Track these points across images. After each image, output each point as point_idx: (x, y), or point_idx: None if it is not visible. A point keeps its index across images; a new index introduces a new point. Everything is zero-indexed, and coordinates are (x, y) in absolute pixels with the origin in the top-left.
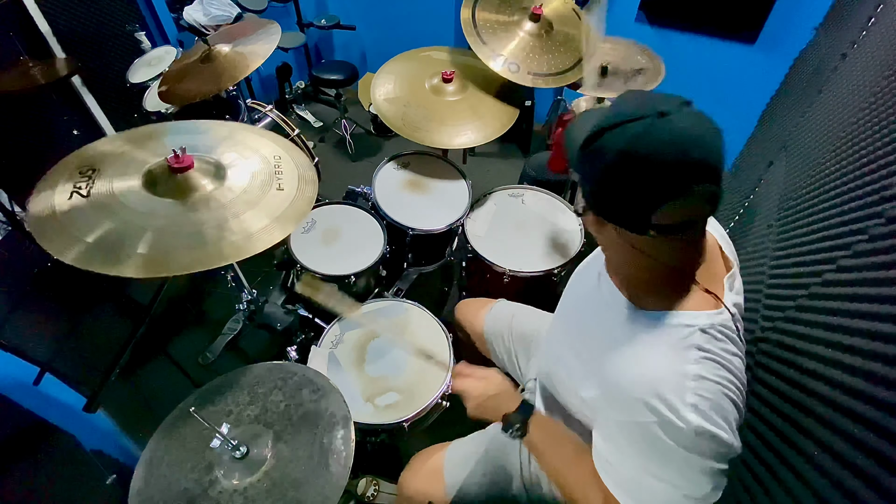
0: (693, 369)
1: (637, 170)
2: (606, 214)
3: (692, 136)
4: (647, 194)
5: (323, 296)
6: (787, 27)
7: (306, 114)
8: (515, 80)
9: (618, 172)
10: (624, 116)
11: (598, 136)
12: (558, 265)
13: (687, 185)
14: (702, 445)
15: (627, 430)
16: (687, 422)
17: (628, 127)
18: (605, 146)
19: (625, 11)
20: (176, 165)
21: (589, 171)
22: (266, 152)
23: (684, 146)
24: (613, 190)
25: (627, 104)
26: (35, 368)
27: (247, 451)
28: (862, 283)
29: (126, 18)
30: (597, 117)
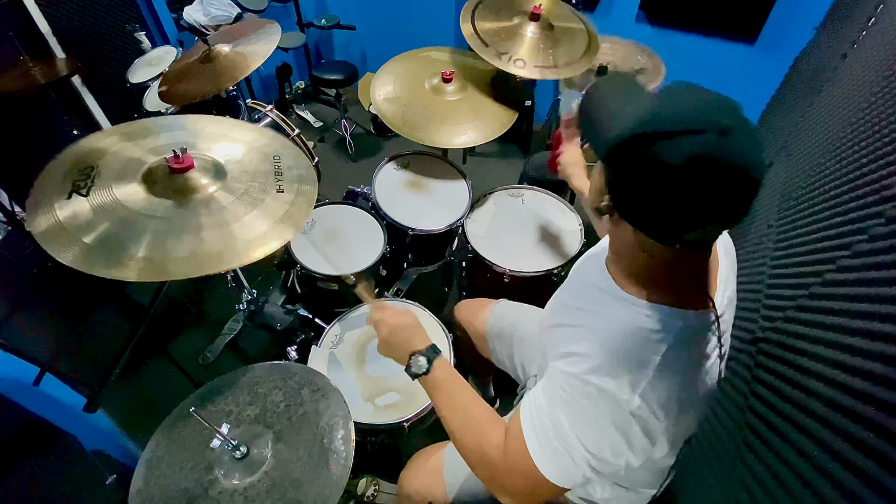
0: (657, 360)
1: (690, 192)
2: (635, 220)
3: (752, 162)
4: (693, 215)
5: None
6: (787, 27)
7: (306, 114)
8: (525, 74)
9: (666, 188)
10: (680, 125)
11: (646, 142)
12: (558, 265)
13: (737, 211)
14: (630, 425)
15: (571, 384)
16: (630, 402)
17: (686, 140)
18: (656, 156)
19: (625, 11)
20: (176, 166)
21: (625, 172)
22: (261, 145)
23: (744, 173)
24: (654, 202)
25: (681, 105)
26: (35, 368)
27: (247, 451)
28: (862, 283)
29: (126, 18)
30: (638, 110)
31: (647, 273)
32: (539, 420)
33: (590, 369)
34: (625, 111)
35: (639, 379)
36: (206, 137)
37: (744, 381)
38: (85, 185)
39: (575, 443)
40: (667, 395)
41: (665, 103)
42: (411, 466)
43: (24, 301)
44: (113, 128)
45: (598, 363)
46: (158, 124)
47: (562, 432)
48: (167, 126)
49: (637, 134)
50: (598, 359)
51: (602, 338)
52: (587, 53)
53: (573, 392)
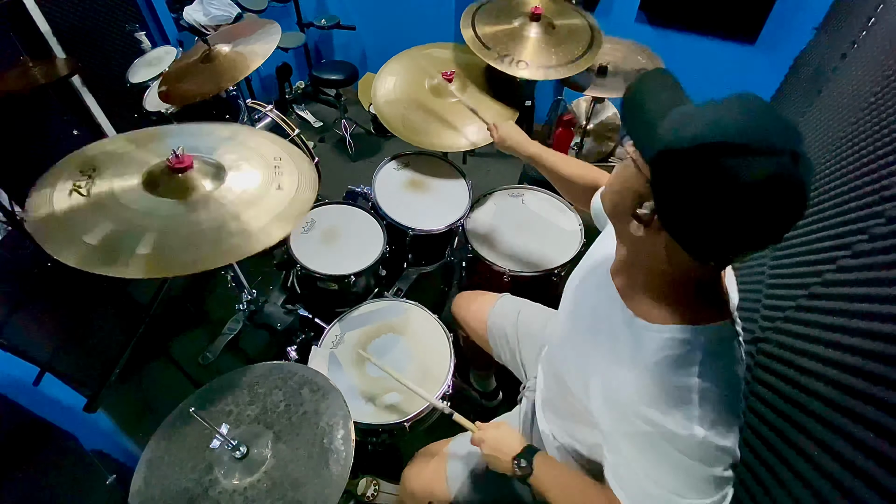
0: (695, 382)
1: (756, 213)
2: (679, 233)
3: (808, 187)
4: (749, 236)
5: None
6: (787, 27)
7: (306, 114)
8: (528, 76)
9: (734, 206)
10: (758, 141)
11: (720, 152)
12: (558, 265)
13: (785, 233)
14: (706, 455)
15: (633, 440)
16: (692, 433)
17: (762, 161)
18: (731, 170)
19: (625, 11)
20: (176, 165)
21: (687, 182)
22: (266, 152)
23: (805, 197)
24: (714, 218)
25: (757, 120)
26: (35, 368)
27: (247, 451)
28: (862, 283)
29: (126, 18)
30: (706, 117)
31: (661, 285)
32: (628, 486)
33: (642, 418)
34: (680, 113)
35: (688, 407)
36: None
37: (744, 381)
38: (85, 186)
39: (669, 496)
40: (719, 409)
41: (739, 116)
42: (414, 465)
43: (24, 301)
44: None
45: (643, 409)
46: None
47: (653, 490)
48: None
49: (710, 143)
50: (641, 404)
51: (637, 380)
52: (590, 50)
53: (641, 447)
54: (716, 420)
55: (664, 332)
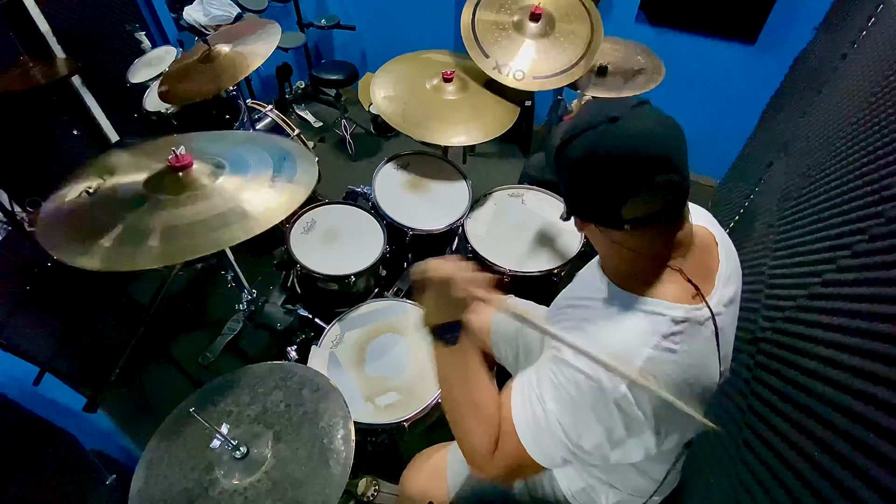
0: (647, 352)
1: (596, 172)
2: (582, 215)
3: (642, 134)
4: (610, 193)
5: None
6: (787, 27)
7: (306, 114)
8: (521, 87)
9: (581, 178)
10: (580, 126)
11: (562, 148)
12: (558, 265)
13: (645, 179)
14: (612, 414)
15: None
16: (616, 389)
17: (584, 136)
18: (568, 156)
19: (625, 11)
20: (176, 164)
21: (561, 178)
22: None
23: (635, 144)
24: (582, 193)
25: (584, 115)
26: (35, 368)
27: (247, 451)
28: (862, 283)
29: (126, 18)
30: (563, 130)
31: (630, 267)
32: (528, 398)
33: (580, 357)
34: (557, 137)
35: (628, 370)
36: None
37: (744, 381)
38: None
39: (555, 425)
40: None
41: (576, 117)
42: (413, 466)
43: (24, 301)
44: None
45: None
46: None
47: (546, 411)
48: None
49: (557, 146)
50: (589, 346)
51: (595, 328)
52: (586, 56)
53: (561, 376)
54: (641, 394)
55: (639, 302)
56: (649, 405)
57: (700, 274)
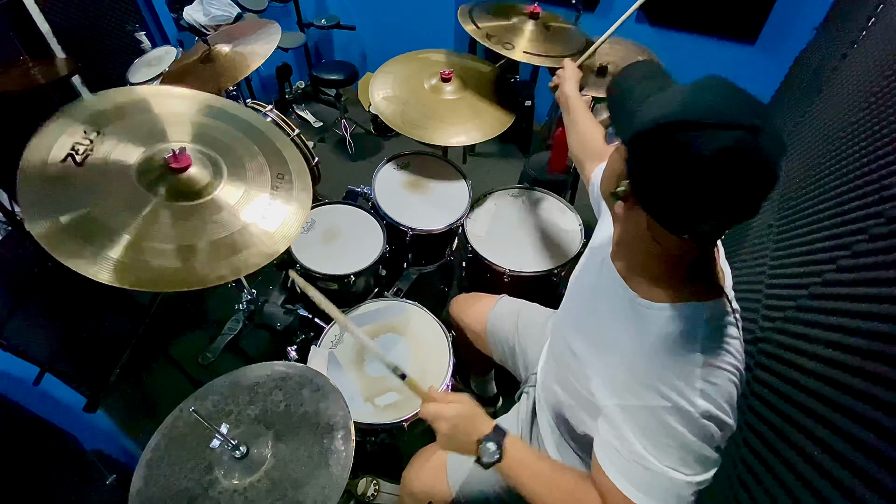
0: (700, 357)
1: (714, 185)
2: (650, 206)
3: (773, 160)
4: (710, 207)
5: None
6: (787, 27)
7: (306, 114)
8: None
9: (691, 178)
10: (714, 118)
11: (676, 129)
12: (558, 265)
13: (756, 205)
14: (704, 430)
15: (635, 414)
16: (696, 406)
17: (718, 134)
18: (685, 145)
19: (625, 11)
20: (175, 165)
21: (650, 159)
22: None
23: (766, 172)
24: (676, 191)
25: (716, 100)
26: (35, 368)
27: (247, 451)
28: (862, 283)
29: (126, 18)
30: (670, 98)
31: (656, 265)
32: (621, 461)
33: (645, 393)
34: (655, 98)
35: (691, 380)
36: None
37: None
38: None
39: (665, 470)
40: (723, 383)
41: (699, 95)
42: (414, 464)
43: (24, 301)
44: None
45: (647, 384)
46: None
47: (648, 464)
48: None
49: (668, 122)
50: (645, 379)
51: (637, 358)
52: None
53: (640, 421)
54: (719, 395)
55: (665, 310)
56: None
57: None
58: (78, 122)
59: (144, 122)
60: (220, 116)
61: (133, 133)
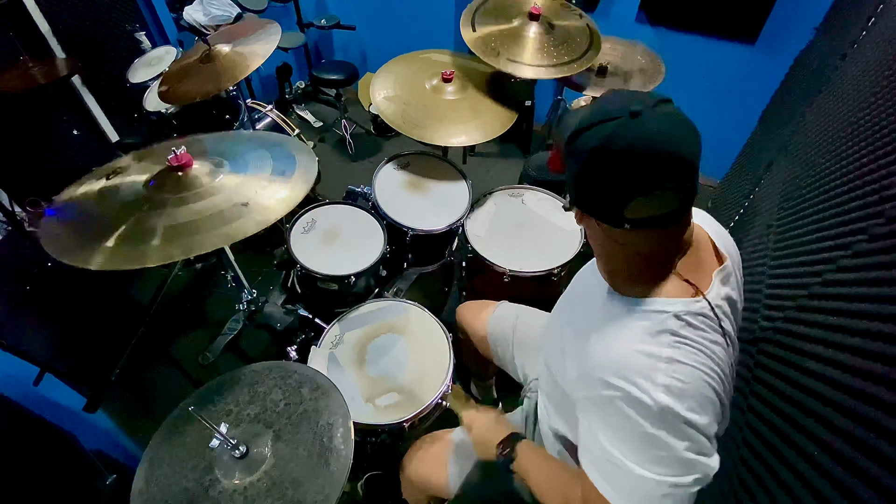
0: (666, 352)
1: (608, 167)
2: (585, 208)
3: (661, 135)
4: (618, 190)
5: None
6: (787, 27)
7: (306, 114)
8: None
9: (591, 169)
10: (599, 116)
11: (576, 136)
12: (558, 265)
13: (656, 182)
14: (670, 426)
15: (598, 407)
16: (655, 399)
17: (602, 127)
18: (582, 145)
19: (625, 11)
20: (175, 164)
21: (570, 167)
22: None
23: (653, 144)
24: (589, 185)
25: (604, 104)
26: (35, 368)
27: (246, 451)
28: (862, 283)
29: (126, 18)
30: (579, 117)
31: (626, 265)
32: (592, 455)
33: (605, 384)
34: (571, 124)
35: (653, 374)
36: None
37: (744, 381)
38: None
39: (631, 466)
40: (694, 381)
41: (595, 104)
42: (415, 452)
43: (24, 301)
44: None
45: (609, 375)
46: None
47: (615, 459)
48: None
49: (571, 132)
50: (607, 370)
51: (604, 350)
52: (589, 51)
53: (601, 412)
54: (683, 392)
55: (636, 304)
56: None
57: (692, 269)
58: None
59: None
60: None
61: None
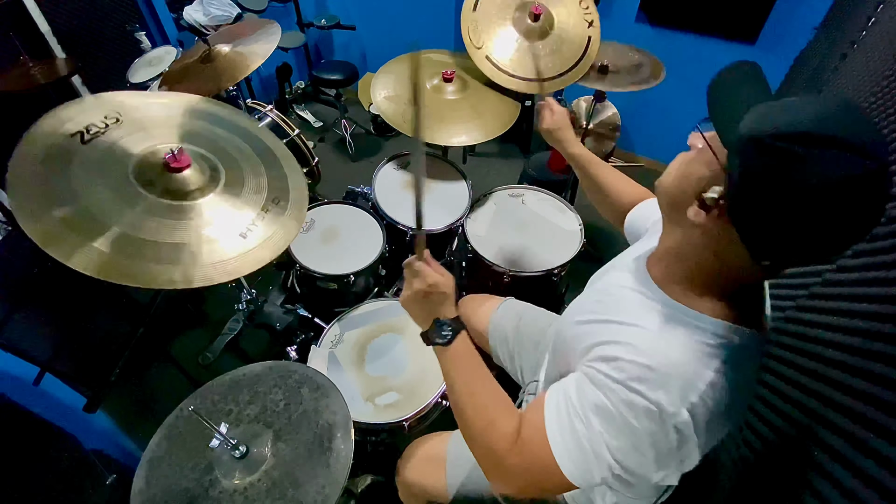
0: (709, 376)
1: (824, 211)
2: (745, 224)
3: (887, 203)
4: (811, 237)
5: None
6: (787, 27)
7: (306, 114)
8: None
9: (800, 200)
10: (841, 137)
11: (799, 141)
12: (558, 265)
13: (847, 245)
14: (669, 437)
15: (612, 386)
16: (678, 413)
17: (844, 158)
18: (811, 161)
19: (625, 11)
20: (174, 165)
21: (757, 169)
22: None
23: (880, 213)
24: (786, 213)
25: (849, 118)
26: (35, 368)
27: (246, 451)
28: (862, 283)
29: (126, 18)
30: (798, 108)
31: (706, 282)
32: (567, 416)
33: (637, 377)
34: (776, 104)
35: (689, 392)
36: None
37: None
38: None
39: (602, 447)
40: (715, 411)
41: (844, 115)
42: (411, 455)
43: (24, 301)
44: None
45: (647, 374)
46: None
47: (591, 433)
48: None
49: (787, 131)
50: (648, 369)
51: (653, 349)
52: (583, 59)
53: (613, 398)
54: (704, 417)
55: (700, 321)
56: (704, 426)
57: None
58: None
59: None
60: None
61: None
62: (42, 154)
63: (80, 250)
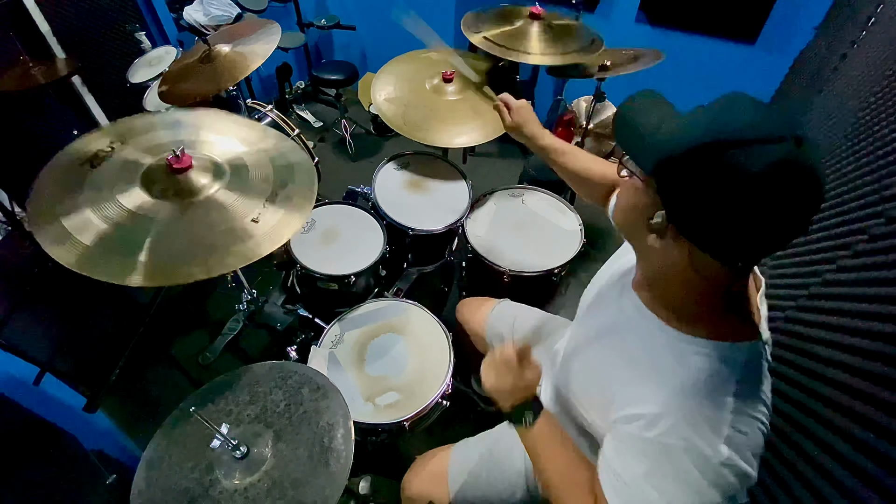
0: (732, 403)
1: (769, 202)
2: (697, 236)
3: (821, 172)
4: (768, 228)
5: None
6: (787, 27)
7: (306, 114)
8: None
9: (744, 198)
10: (755, 133)
11: (721, 150)
12: (558, 265)
13: (807, 223)
14: (725, 478)
15: (649, 448)
16: (718, 452)
17: (766, 149)
18: (733, 164)
19: (625, 11)
20: (176, 166)
21: (692, 184)
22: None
23: (817, 183)
24: (727, 215)
25: (749, 114)
26: (35, 368)
27: (247, 451)
28: (862, 283)
29: (126, 18)
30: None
31: (692, 299)
32: (623, 488)
33: (667, 429)
34: (676, 123)
35: (719, 425)
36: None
37: None
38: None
39: None
40: (753, 433)
41: (731, 114)
42: (415, 469)
43: (24, 301)
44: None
45: (672, 421)
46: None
47: (651, 498)
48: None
49: (710, 142)
50: (671, 416)
51: (668, 392)
52: (595, 42)
53: (654, 456)
54: (744, 443)
55: (704, 347)
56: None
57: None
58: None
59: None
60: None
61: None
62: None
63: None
